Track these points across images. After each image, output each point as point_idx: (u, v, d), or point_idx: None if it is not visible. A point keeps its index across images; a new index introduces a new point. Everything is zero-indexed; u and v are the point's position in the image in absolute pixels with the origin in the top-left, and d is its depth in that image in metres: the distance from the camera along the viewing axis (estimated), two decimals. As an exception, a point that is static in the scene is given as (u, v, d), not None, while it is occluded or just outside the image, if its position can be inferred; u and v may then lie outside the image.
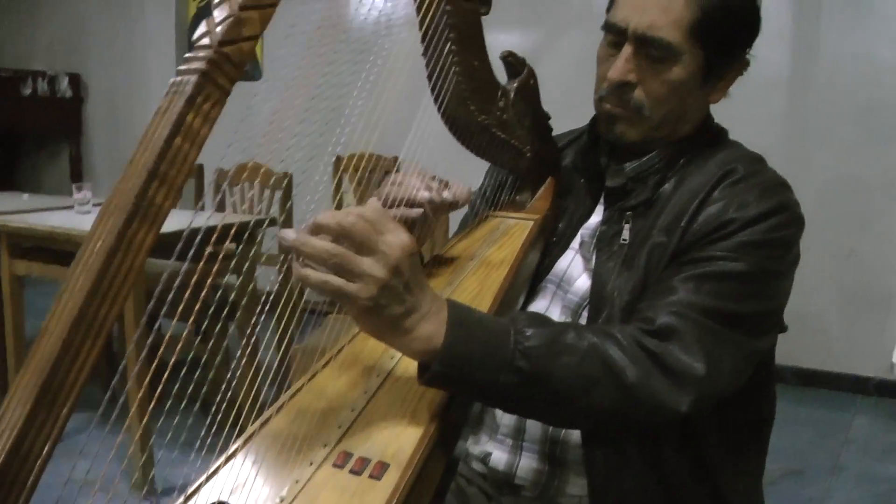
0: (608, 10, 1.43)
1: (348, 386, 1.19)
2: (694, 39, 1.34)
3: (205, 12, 5.14)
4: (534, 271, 1.51)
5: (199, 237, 0.98)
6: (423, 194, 1.33)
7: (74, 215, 3.91)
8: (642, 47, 1.36)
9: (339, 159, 5.20)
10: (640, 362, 1.20)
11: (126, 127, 6.83)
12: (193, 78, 0.88)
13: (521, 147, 1.51)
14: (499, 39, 5.15)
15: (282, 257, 1.21)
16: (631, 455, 1.36)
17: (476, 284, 1.34)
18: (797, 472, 3.81)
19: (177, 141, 0.86)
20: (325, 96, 1.17)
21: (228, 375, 1.16)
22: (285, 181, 4.36)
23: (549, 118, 1.55)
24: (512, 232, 1.47)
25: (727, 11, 1.35)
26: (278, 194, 4.51)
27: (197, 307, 0.97)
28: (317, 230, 1.01)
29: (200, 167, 4.97)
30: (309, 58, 1.14)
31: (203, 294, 0.96)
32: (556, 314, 1.47)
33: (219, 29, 0.92)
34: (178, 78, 0.90)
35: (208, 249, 1.03)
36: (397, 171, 1.38)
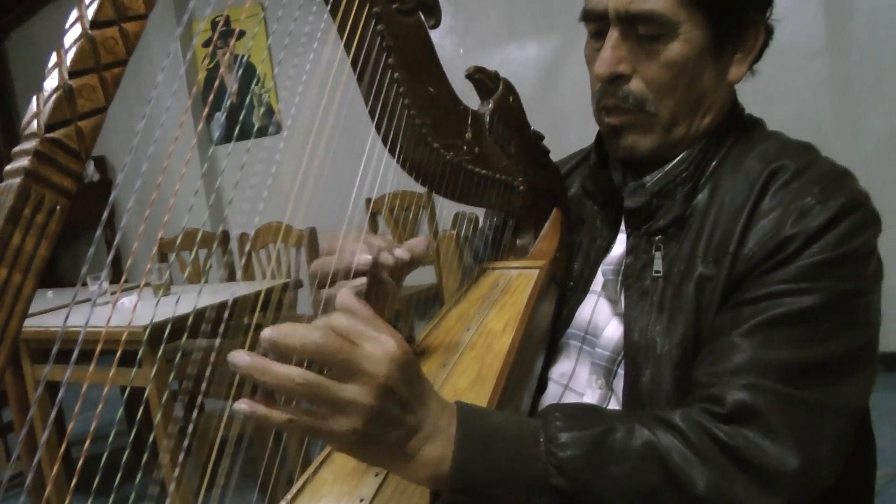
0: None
1: None
2: (689, 5, 1.10)
3: (213, 74, 5.02)
4: (549, 328, 1.24)
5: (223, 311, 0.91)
6: (363, 258, 1.04)
7: (95, 309, 3.72)
8: (629, 28, 1.12)
9: (369, 202, 5.06)
10: (712, 460, 0.93)
11: (155, 205, 6.70)
12: (16, 182, 0.66)
13: (509, 180, 1.25)
14: (514, 54, 5.00)
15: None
16: None
17: (475, 363, 1.08)
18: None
19: (1, 272, 0.65)
20: (348, 140, 1.04)
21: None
22: (308, 237, 4.18)
23: (541, 138, 1.30)
24: (514, 287, 1.21)
25: None
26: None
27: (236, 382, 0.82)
28: (275, 349, 0.74)
29: (225, 233, 4.81)
30: (326, 102, 0.97)
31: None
32: (584, 376, 1.21)
33: (46, 107, 0.69)
34: (4, 183, 0.67)
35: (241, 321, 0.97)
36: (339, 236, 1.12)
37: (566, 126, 4.61)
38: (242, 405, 0.75)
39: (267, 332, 0.75)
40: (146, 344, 2.85)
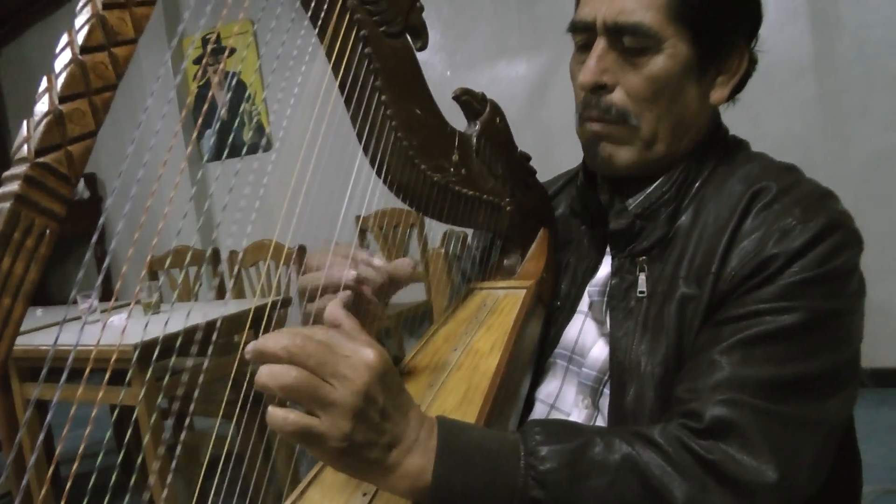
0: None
1: None
2: (676, 21, 1.11)
3: (204, 92, 5.02)
4: (536, 347, 1.25)
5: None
6: (349, 273, 1.05)
7: (85, 327, 3.71)
8: (616, 40, 1.13)
9: (358, 219, 5.07)
10: (690, 474, 0.94)
11: (145, 223, 6.68)
12: (6, 207, 0.66)
13: (496, 201, 1.25)
14: (503, 72, 5.01)
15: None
16: None
17: (462, 383, 1.08)
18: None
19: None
20: (337, 157, 1.04)
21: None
22: (300, 256, 4.17)
23: (528, 159, 1.30)
24: (501, 307, 1.21)
25: None
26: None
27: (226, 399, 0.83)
28: (259, 357, 0.78)
29: (215, 251, 4.80)
30: (316, 120, 0.97)
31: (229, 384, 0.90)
32: (570, 395, 1.21)
33: (37, 132, 0.69)
34: (-8, 208, 0.67)
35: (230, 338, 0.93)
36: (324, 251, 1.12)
37: (554, 143, 4.63)
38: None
39: (250, 345, 0.78)
40: (136, 363, 2.84)
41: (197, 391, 0.90)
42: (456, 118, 1.22)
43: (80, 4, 0.73)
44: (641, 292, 1.16)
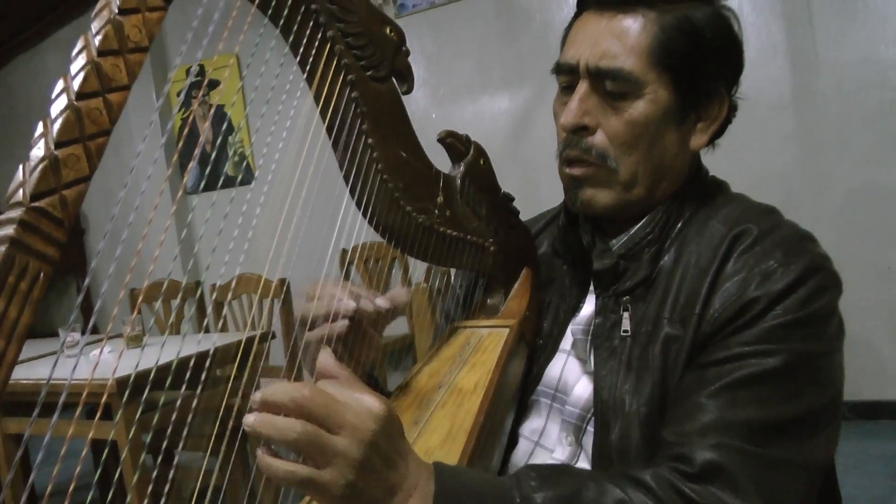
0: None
1: None
2: (657, 68, 1.14)
3: (191, 125, 5.00)
4: (520, 385, 1.26)
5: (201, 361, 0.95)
6: (348, 304, 1.08)
7: (66, 360, 3.69)
8: (598, 83, 1.16)
9: (343, 252, 5.07)
10: None
11: (127, 255, 6.65)
12: (1, 251, 0.68)
13: (480, 241, 1.27)
14: (486, 106, 5.02)
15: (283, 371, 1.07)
16: None
17: (447, 420, 1.09)
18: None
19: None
20: (321, 191, 1.02)
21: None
22: (283, 289, 4.17)
23: (511, 199, 1.32)
24: (484, 346, 1.22)
25: (693, 32, 1.15)
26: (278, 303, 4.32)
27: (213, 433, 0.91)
28: (266, 408, 0.80)
29: (198, 282, 4.80)
30: (300, 154, 1.00)
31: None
32: (554, 433, 1.22)
33: (32, 177, 0.71)
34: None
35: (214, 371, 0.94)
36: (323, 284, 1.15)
37: (538, 177, 4.67)
38: (252, 417, 0.80)
39: (258, 395, 0.80)
40: (118, 397, 2.83)
41: (180, 425, 0.90)
42: (441, 156, 1.24)
43: (76, 51, 0.75)
44: (625, 331, 1.17)
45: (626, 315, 1.18)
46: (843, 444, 1.17)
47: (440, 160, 1.23)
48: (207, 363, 0.90)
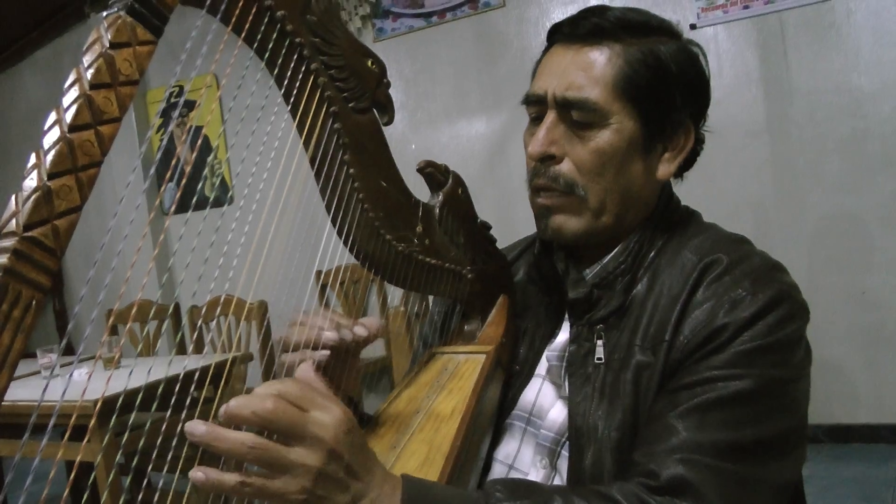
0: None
1: None
2: (622, 98, 1.17)
3: (167, 146, 5.01)
4: (496, 410, 1.28)
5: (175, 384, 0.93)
6: (330, 335, 1.10)
7: (44, 382, 3.68)
8: (565, 113, 1.19)
9: (319, 274, 5.08)
10: None
11: (103, 276, 6.61)
12: None
13: (458, 269, 1.29)
14: (463, 130, 5.04)
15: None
16: None
17: (424, 445, 1.11)
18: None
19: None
20: (298, 213, 1.06)
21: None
22: (261, 311, 4.18)
23: (489, 228, 1.35)
24: (461, 372, 1.25)
25: (658, 66, 1.18)
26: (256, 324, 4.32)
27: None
28: (230, 421, 0.81)
29: (177, 305, 4.79)
30: (277, 176, 1.02)
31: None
32: (528, 456, 1.25)
33: (25, 207, 0.72)
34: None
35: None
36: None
37: (514, 199, 4.70)
38: (198, 473, 0.80)
39: (223, 408, 0.81)
40: (95, 419, 2.82)
41: (156, 447, 0.91)
42: (419, 179, 1.28)
43: (68, 83, 0.77)
44: (599, 359, 1.20)
45: (599, 343, 1.21)
46: (815, 467, 1.20)
47: (418, 184, 1.26)
48: (177, 387, 0.91)
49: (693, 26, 4.73)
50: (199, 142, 6.41)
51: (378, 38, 5.86)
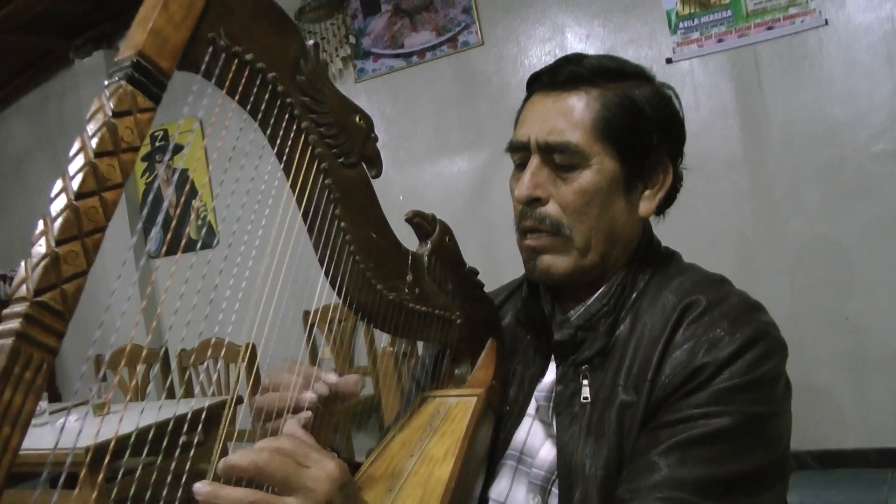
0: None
1: None
2: (601, 140, 1.23)
3: (153, 189, 5.03)
4: (488, 450, 1.31)
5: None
6: (308, 396, 1.11)
7: (32, 430, 3.67)
8: (548, 157, 1.24)
9: (307, 314, 5.09)
10: None
11: (90, 322, 6.59)
12: (8, 343, 0.72)
13: (447, 315, 1.33)
14: (446, 168, 5.06)
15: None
16: None
17: (419, 488, 1.14)
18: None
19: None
20: (285, 253, 1.06)
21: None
22: (248, 353, 4.19)
23: (476, 273, 1.38)
24: (453, 415, 1.28)
25: (633, 108, 1.24)
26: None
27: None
28: (229, 473, 0.85)
29: (166, 350, 4.80)
30: (263, 216, 1.04)
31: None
32: (521, 494, 1.28)
33: (34, 273, 0.75)
34: (-7, 345, 0.72)
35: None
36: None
37: (498, 235, 4.73)
38: (203, 486, 0.84)
39: (222, 462, 0.85)
40: (87, 466, 2.83)
41: (147, 492, 0.93)
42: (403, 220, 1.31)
43: (73, 151, 0.80)
44: (585, 398, 1.23)
45: (585, 383, 1.24)
46: (804, 493, 1.23)
47: (406, 231, 1.30)
48: (169, 429, 0.94)
49: (669, 60, 4.80)
50: (187, 187, 6.42)
51: (359, 78, 5.92)
